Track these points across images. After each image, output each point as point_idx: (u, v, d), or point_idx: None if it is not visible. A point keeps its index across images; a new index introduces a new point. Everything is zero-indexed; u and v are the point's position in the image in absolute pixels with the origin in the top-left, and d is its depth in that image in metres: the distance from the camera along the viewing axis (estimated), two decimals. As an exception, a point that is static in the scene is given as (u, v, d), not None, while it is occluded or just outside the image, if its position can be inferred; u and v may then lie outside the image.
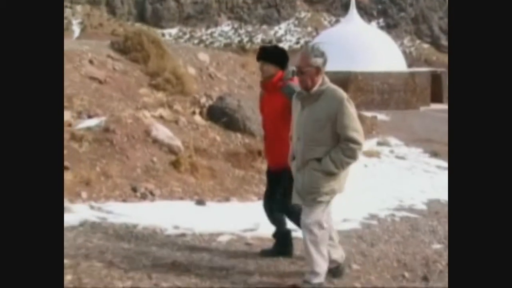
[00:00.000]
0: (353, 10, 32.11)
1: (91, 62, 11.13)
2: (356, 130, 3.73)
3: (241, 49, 38.68)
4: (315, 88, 3.78)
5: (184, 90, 11.33)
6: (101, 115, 8.77)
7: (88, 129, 8.00)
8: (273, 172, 4.52)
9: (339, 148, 3.72)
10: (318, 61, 3.77)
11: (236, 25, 47.23)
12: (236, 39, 44.51)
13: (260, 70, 4.59)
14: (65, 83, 9.81)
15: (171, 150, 8.24)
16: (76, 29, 45.72)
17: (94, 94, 9.78)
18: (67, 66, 10.58)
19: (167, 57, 12.35)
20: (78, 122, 8.33)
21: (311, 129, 3.78)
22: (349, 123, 3.70)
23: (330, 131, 3.73)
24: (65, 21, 46.22)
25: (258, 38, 44.86)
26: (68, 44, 13.52)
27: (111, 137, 7.82)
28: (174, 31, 45.71)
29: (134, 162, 7.53)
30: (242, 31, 46.23)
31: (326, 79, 3.85)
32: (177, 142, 8.40)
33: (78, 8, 48.69)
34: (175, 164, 7.90)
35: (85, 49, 11.86)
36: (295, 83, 4.21)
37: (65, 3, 48.61)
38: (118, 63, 11.67)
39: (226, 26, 47.01)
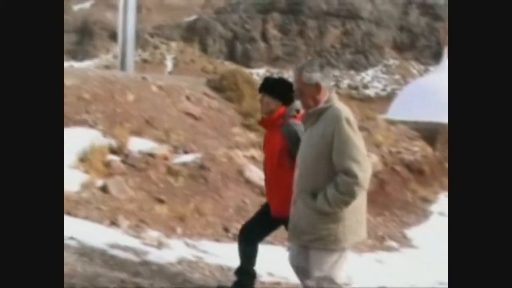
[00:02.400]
0: (445, 60, 31.32)
1: (188, 98, 11.46)
2: (353, 158, 3.00)
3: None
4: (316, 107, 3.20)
5: (276, 132, 11.37)
6: (196, 151, 8.94)
7: (184, 164, 8.16)
8: (276, 217, 3.92)
9: (334, 182, 3.04)
10: (315, 76, 3.19)
11: (323, 69, 47.51)
12: (322, 83, 44.68)
13: (260, 103, 4.09)
14: (163, 117, 10.16)
15: (262, 192, 8.21)
16: (169, 64, 47.70)
17: (190, 130, 10.01)
18: (166, 101, 10.97)
19: (261, 98, 12.50)
20: (174, 156, 8.53)
21: (308, 155, 3.19)
22: (345, 150, 3.02)
23: (328, 159, 3.08)
24: (159, 56, 48.43)
25: (345, 83, 44.85)
26: (167, 79, 14.06)
27: (206, 174, 7.92)
28: (261, 71, 46.61)
29: (226, 201, 7.57)
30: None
31: (333, 96, 3.23)
32: (269, 185, 8.38)
33: (173, 44, 50.91)
34: (266, 207, 7.86)
35: (183, 86, 12.25)
36: (299, 121, 3.62)
37: (161, 40, 51.05)
38: (213, 101, 11.94)
39: (313, 69, 47.39)
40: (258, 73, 44.14)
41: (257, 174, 8.47)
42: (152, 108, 10.29)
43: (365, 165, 3.05)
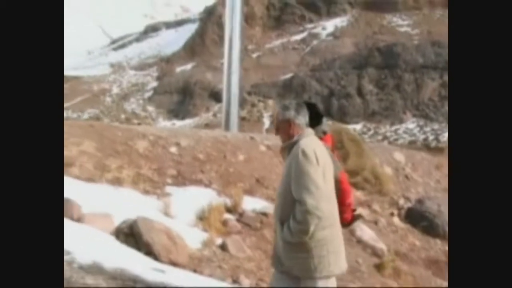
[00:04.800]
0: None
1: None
2: (305, 187, 3.13)
3: (426, 147, 37.74)
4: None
5: (383, 190, 11.35)
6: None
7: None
8: None
9: (293, 213, 3.18)
10: (288, 114, 3.47)
11: (421, 123, 46.47)
12: (421, 137, 43.54)
13: None
14: (272, 177, 10.47)
15: (374, 252, 8.21)
16: (267, 122, 48.80)
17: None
18: (274, 160, 11.32)
19: (366, 156, 12.57)
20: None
21: (280, 187, 3.41)
22: (299, 180, 3.16)
23: (291, 191, 3.24)
24: (257, 114, 49.77)
25: (444, 137, 43.46)
26: (273, 139, 14.48)
27: (318, 233, 8.04)
28: (358, 126, 46.42)
29: (340, 261, 7.62)
30: (427, 129, 45.22)
31: (306, 132, 3.46)
32: (381, 245, 8.36)
33: (270, 102, 52.21)
34: (379, 268, 7.83)
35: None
36: (325, 142, 3.89)
37: (258, 98, 52.58)
38: (318, 159, 12.14)
39: (411, 123, 46.50)
40: (355, 128, 44.01)
41: (368, 234, 8.49)
42: (261, 167, 10.68)
43: (317, 194, 3.13)
